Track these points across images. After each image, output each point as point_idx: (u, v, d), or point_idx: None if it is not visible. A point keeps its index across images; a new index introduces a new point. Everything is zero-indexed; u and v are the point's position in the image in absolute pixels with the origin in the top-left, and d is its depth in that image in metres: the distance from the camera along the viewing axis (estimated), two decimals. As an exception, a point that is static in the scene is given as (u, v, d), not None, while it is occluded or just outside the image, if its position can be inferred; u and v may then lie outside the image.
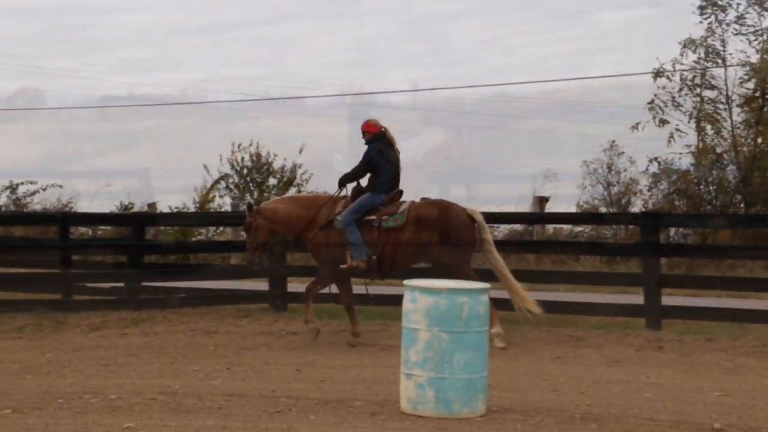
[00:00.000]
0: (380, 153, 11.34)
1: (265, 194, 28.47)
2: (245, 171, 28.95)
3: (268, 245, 11.75)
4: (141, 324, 12.58)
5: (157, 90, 61.94)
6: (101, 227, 22.24)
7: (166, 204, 25.66)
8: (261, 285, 14.76)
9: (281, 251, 13.69)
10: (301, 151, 28.90)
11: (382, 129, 11.51)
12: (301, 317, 12.87)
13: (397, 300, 12.76)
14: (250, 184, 28.95)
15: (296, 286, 14.68)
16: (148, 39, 59.57)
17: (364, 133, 11.51)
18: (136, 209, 23.92)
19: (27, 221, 19.35)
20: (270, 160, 28.98)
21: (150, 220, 17.79)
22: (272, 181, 28.92)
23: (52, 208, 24.54)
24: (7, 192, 24.16)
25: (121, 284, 14.37)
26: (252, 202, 11.74)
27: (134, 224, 15.60)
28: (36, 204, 24.98)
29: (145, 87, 57.38)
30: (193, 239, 23.42)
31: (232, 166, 28.96)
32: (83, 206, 25.56)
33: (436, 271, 11.25)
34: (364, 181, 11.53)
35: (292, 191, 28.65)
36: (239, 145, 29.06)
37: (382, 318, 12.73)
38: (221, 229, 24.65)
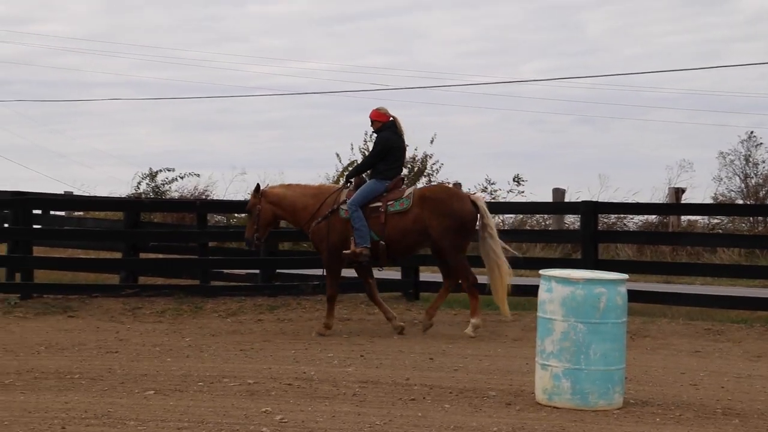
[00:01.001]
0: (390, 141, 11.36)
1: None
2: (376, 161, 29.13)
3: (269, 229, 11.79)
4: (276, 310, 12.79)
5: (291, 80, 62.78)
6: (236, 215, 22.65)
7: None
8: (394, 274, 14.84)
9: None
10: (432, 142, 28.93)
11: (392, 118, 11.52)
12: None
13: (529, 290, 12.72)
14: (381, 174, 29.08)
15: (429, 275, 14.73)
16: (282, 29, 60.39)
17: (373, 122, 11.51)
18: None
19: (168, 208, 19.85)
20: (401, 150, 29.08)
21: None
22: (403, 171, 29.00)
23: (189, 196, 25.11)
24: (147, 179, 24.77)
25: (256, 271, 14.64)
26: (259, 183, 11.81)
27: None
28: (174, 192, 25.55)
29: (278, 77, 58.09)
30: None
31: (364, 155, 29.16)
32: (218, 194, 26.08)
33: (435, 256, 11.54)
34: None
35: (422, 182, 28.71)
36: (371, 135, 29.24)
37: (514, 308, 12.65)
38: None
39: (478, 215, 11.22)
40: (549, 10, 58.25)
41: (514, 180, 25.51)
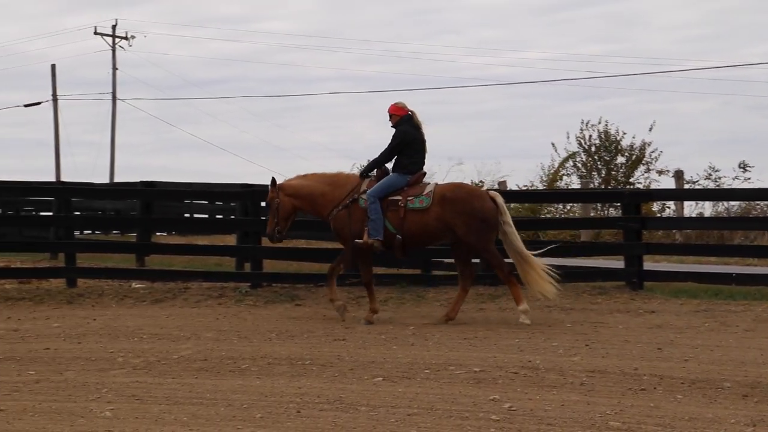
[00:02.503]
0: (409, 135, 11.36)
1: (613, 173, 28.04)
2: (593, 149, 28.64)
3: (290, 221, 11.82)
4: (497, 300, 12.76)
5: (506, 70, 62.73)
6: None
7: (514, 182, 25.93)
8: (617, 263, 14.57)
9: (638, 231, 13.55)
10: (651, 129, 28.24)
11: (410, 112, 11.53)
12: (657, 296, 12.64)
13: (760, 279, 12.24)
14: (598, 163, 28.63)
15: (653, 264, 14.38)
16: (497, 20, 60.37)
17: (391, 116, 11.52)
18: (485, 188, 24.26)
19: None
20: (618, 138, 28.50)
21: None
22: (620, 159, 28.44)
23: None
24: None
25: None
26: (275, 177, 11.89)
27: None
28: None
29: (494, 68, 58.20)
30: (542, 216, 23.53)
31: (580, 144, 28.76)
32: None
33: (456, 249, 11.56)
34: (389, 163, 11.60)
35: (640, 170, 28.03)
36: (587, 123, 28.81)
37: (744, 298, 12.22)
38: (570, 206, 24.56)
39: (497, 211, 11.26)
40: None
41: (739, 167, 24.67)
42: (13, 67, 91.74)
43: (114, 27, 48.02)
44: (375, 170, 11.60)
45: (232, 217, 19.59)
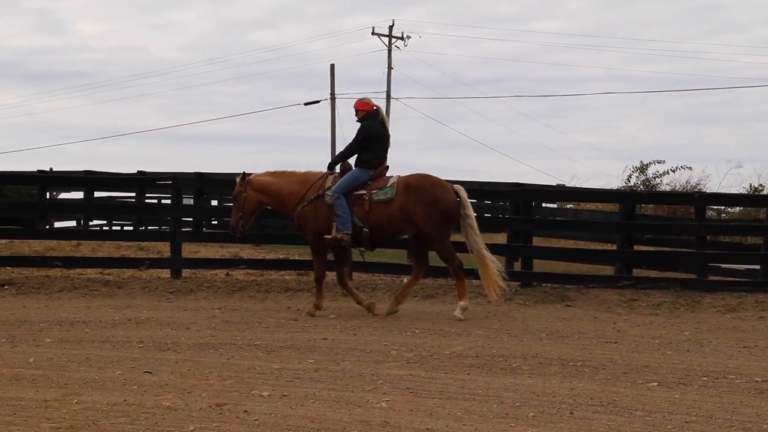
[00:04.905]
0: (373, 130, 11.57)
1: None
2: None
3: (254, 215, 12.02)
4: (777, 307, 12.18)
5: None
6: (729, 209, 21.98)
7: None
8: None
9: None
10: None
11: (375, 107, 11.79)
12: None
13: None
14: None
15: None
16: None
17: (357, 111, 11.76)
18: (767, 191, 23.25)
19: (666, 200, 19.77)
20: None
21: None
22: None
23: (681, 190, 24.73)
24: (637, 173, 24.80)
25: (756, 267, 14.05)
26: (245, 172, 11.91)
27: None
28: (665, 185, 25.31)
29: (776, 66, 55.51)
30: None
31: None
32: (712, 188, 25.44)
33: (415, 242, 11.82)
34: (351, 159, 11.82)
35: None
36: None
37: None
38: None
39: (460, 205, 11.49)
40: None
41: None
42: (295, 67, 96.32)
43: (391, 27, 49.26)
44: (340, 164, 11.88)
45: (500, 216, 19.68)
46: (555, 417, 6.73)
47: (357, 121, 11.82)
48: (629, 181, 25.64)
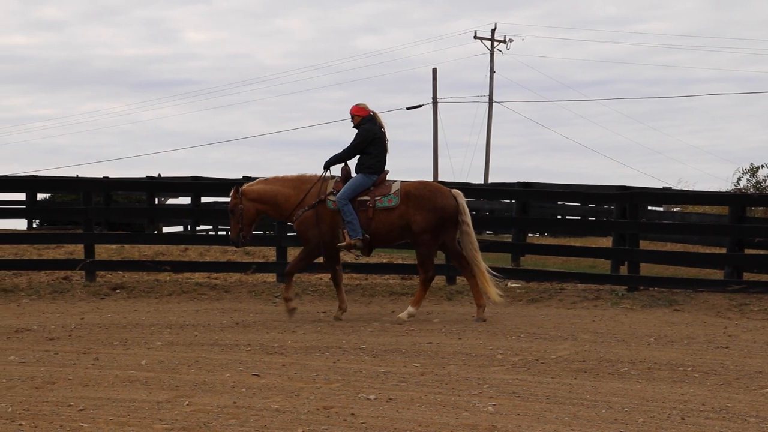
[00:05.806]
0: (371, 133, 11.49)
1: None
2: None
3: (253, 225, 12.00)
4: None
5: None
6: None
7: None
8: None
9: None
10: None
11: (371, 112, 11.67)
12: None
13: None
14: None
15: None
16: None
17: (353, 116, 11.69)
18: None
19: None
20: None
21: None
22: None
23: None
24: (747, 175, 24.26)
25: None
26: (237, 185, 11.80)
27: None
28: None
29: None
30: None
31: None
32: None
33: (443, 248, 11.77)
34: (351, 163, 11.70)
35: None
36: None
37: None
38: None
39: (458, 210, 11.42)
40: None
41: None
42: (397, 72, 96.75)
43: (493, 31, 49.16)
44: (335, 167, 11.70)
45: (605, 219, 19.46)
46: (666, 423, 6.62)
47: (353, 126, 11.75)
48: (738, 184, 25.09)
